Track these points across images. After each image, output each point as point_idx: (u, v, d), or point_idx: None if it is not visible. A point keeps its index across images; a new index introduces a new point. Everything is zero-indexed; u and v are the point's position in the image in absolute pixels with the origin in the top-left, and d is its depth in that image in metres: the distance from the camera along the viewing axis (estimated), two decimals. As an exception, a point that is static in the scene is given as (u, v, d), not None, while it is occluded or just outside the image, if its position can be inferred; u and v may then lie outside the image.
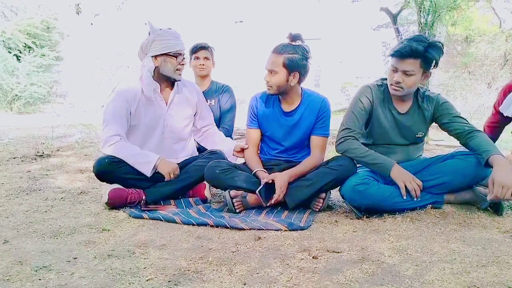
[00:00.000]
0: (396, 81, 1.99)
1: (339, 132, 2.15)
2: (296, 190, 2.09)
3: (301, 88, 2.27)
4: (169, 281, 1.30)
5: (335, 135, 2.21)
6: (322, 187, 2.09)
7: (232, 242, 1.67)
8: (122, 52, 11.15)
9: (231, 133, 3.00)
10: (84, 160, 3.67)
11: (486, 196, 2.02)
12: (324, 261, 1.46)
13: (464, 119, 2.06)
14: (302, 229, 1.83)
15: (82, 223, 1.90)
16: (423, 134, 2.18)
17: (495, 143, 2.15)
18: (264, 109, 2.31)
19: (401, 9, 6.42)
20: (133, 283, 1.29)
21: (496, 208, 1.98)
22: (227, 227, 1.84)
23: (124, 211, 2.10)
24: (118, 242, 1.66)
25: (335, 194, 2.28)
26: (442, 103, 2.09)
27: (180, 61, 2.26)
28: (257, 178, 2.16)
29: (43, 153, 3.87)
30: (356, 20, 10.49)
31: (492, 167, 1.81)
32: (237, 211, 2.10)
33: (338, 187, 2.10)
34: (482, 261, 1.43)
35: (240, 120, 3.45)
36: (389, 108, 2.13)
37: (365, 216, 1.99)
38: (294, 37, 2.16)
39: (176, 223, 1.93)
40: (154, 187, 2.25)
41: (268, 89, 2.21)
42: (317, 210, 2.11)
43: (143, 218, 2.00)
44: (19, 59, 10.87)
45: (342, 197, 2.08)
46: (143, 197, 2.20)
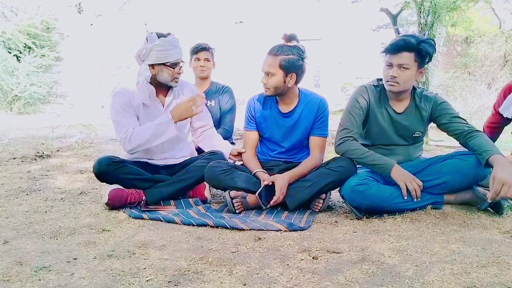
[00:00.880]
0: (392, 76, 1.98)
1: (337, 133, 2.15)
2: (296, 191, 2.09)
3: (298, 88, 2.27)
4: (169, 282, 1.30)
5: (334, 135, 2.21)
6: (322, 188, 2.09)
7: (232, 242, 1.67)
8: (122, 53, 11.15)
9: (231, 134, 3.00)
10: (84, 160, 3.67)
11: (486, 196, 2.03)
12: (324, 262, 1.46)
13: (463, 119, 2.06)
14: (302, 229, 1.83)
15: (82, 224, 1.90)
16: (420, 133, 2.18)
17: (494, 143, 2.16)
18: (262, 111, 2.31)
19: (401, 9, 6.42)
20: (133, 283, 1.29)
21: (496, 208, 1.98)
22: (227, 228, 1.84)
23: (124, 212, 2.10)
24: (118, 243, 1.66)
25: (335, 194, 2.28)
26: (440, 103, 2.09)
27: (178, 70, 2.25)
28: (257, 179, 2.15)
29: (43, 153, 3.87)
30: (356, 20, 10.50)
31: (492, 167, 1.81)
32: (237, 211, 2.10)
33: (338, 187, 2.10)
34: (482, 262, 1.43)
35: (240, 121, 3.45)
36: (385, 107, 2.13)
37: (365, 217, 1.99)
38: (289, 38, 2.15)
39: (176, 223, 1.92)
40: (154, 188, 2.25)
41: (265, 91, 2.20)
42: (317, 210, 2.12)
43: (143, 218, 2.00)
44: (19, 60, 10.87)
45: (342, 197, 2.08)
46: (143, 197, 2.20)
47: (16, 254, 1.51)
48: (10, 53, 10.73)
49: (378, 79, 2.18)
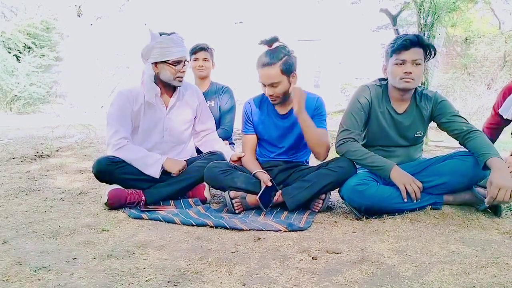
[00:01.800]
0: (407, 72, 1.96)
1: (338, 134, 2.14)
2: (296, 192, 2.09)
3: None
4: (168, 282, 1.30)
5: (334, 136, 2.21)
6: (322, 188, 2.08)
7: (231, 242, 1.67)
8: (122, 53, 11.16)
9: (231, 134, 3.00)
10: (83, 160, 3.67)
11: (485, 197, 2.03)
12: (323, 262, 1.46)
13: (463, 118, 2.06)
14: (301, 229, 1.83)
15: (82, 224, 1.90)
16: (421, 134, 2.18)
17: (493, 144, 2.16)
18: (259, 114, 2.30)
19: (400, 10, 6.42)
20: (132, 283, 1.29)
21: (494, 209, 1.99)
22: (226, 228, 1.84)
23: (123, 212, 2.09)
24: (117, 243, 1.66)
25: (334, 195, 2.28)
26: (440, 102, 2.09)
27: (180, 68, 2.24)
28: (257, 179, 2.16)
29: (43, 153, 3.87)
30: (355, 21, 10.50)
31: (490, 170, 1.81)
32: (237, 211, 2.10)
33: (338, 188, 2.10)
34: (481, 262, 1.43)
35: (239, 121, 3.45)
36: (387, 108, 2.13)
37: (364, 217, 1.99)
38: (271, 41, 2.13)
39: (176, 223, 1.92)
40: (154, 188, 2.25)
41: (273, 101, 2.19)
42: (317, 211, 2.11)
43: (143, 218, 2.00)
44: (19, 60, 10.87)
45: (342, 198, 2.08)
46: (143, 197, 2.19)
47: (16, 254, 1.51)
48: (10, 53, 10.74)
49: (380, 79, 2.18)
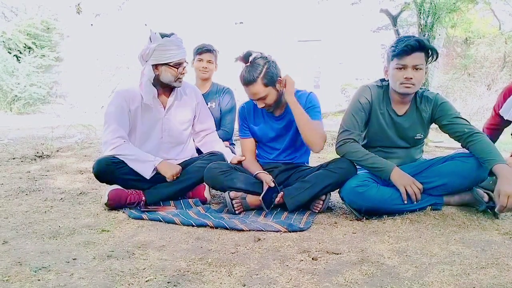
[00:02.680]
0: (408, 77, 1.95)
1: (338, 134, 2.14)
2: (296, 192, 2.09)
3: None
4: (168, 282, 1.30)
5: (335, 136, 2.20)
6: (322, 189, 2.08)
7: (231, 243, 1.67)
8: (122, 53, 11.16)
9: (231, 135, 2.99)
10: (83, 160, 3.67)
11: (484, 198, 2.03)
12: (323, 263, 1.46)
13: (464, 119, 2.04)
14: (301, 230, 1.83)
15: (82, 224, 1.90)
16: (422, 136, 2.17)
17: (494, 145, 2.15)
18: (254, 117, 2.31)
19: (401, 11, 6.43)
20: (132, 284, 1.29)
21: (494, 211, 1.98)
22: (226, 228, 1.84)
23: (123, 212, 2.10)
24: (117, 243, 1.66)
25: (334, 195, 2.28)
26: (441, 104, 2.08)
27: (181, 71, 2.24)
28: (258, 180, 2.15)
29: (43, 153, 3.88)
30: (356, 22, 10.51)
31: (496, 176, 1.80)
32: (237, 212, 2.10)
33: (338, 189, 2.10)
34: (481, 263, 1.43)
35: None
36: (387, 109, 2.12)
37: (364, 218, 1.99)
38: (246, 57, 2.11)
39: (176, 224, 1.92)
40: (154, 188, 2.25)
41: (268, 110, 2.20)
42: (317, 211, 2.11)
43: (143, 219, 2.00)
44: (19, 60, 10.88)
45: (342, 199, 2.08)
46: (143, 198, 2.19)
47: (16, 254, 1.51)
48: (10, 53, 10.75)
49: (381, 80, 2.17)
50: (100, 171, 2.17)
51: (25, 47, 11.06)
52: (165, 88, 2.33)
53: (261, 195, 2.06)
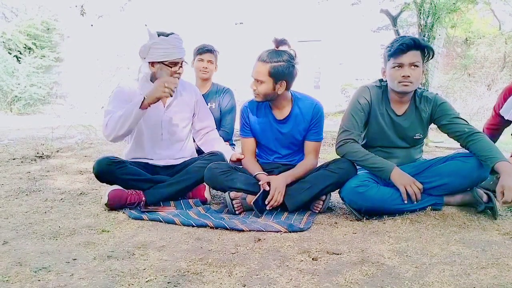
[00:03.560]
0: (405, 75, 1.96)
1: (338, 135, 2.14)
2: (296, 193, 2.09)
3: (290, 92, 2.23)
4: (168, 283, 1.30)
5: (334, 136, 2.20)
6: (322, 190, 2.08)
7: (231, 243, 1.67)
8: (122, 54, 11.16)
9: (231, 136, 2.99)
10: (84, 161, 3.67)
11: (482, 198, 2.03)
12: (323, 263, 1.46)
13: (464, 119, 2.05)
14: (301, 230, 1.83)
15: (82, 224, 1.90)
16: (421, 136, 2.17)
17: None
18: (256, 118, 2.29)
19: (401, 11, 6.43)
20: (132, 284, 1.29)
21: (493, 211, 1.98)
22: (226, 229, 1.84)
23: (123, 212, 2.09)
24: (117, 243, 1.66)
25: (334, 195, 2.28)
26: (440, 104, 2.08)
27: (177, 70, 2.23)
28: (258, 180, 2.15)
29: (43, 154, 3.88)
30: (356, 22, 10.51)
31: (499, 174, 1.81)
32: (237, 212, 2.10)
33: (338, 189, 2.10)
34: (481, 263, 1.43)
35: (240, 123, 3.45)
36: (386, 109, 2.13)
37: (364, 218, 1.99)
38: (279, 43, 2.11)
39: (176, 224, 1.92)
40: (154, 189, 2.25)
41: (255, 97, 2.18)
42: (317, 211, 2.11)
43: (143, 219, 2.00)
44: (19, 60, 10.88)
45: (342, 199, 2.08)
46: (143, 198, 2.19)
47: (16, 254, 1.51)
48: (10, 53, 10.75)
49: (380, 80, 2.17)
50: (101, 171, 2.17)
51: (25, 47, 11.06)
52: None
53: (253, 200, 2.05)
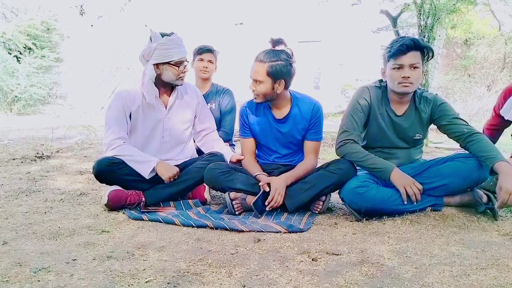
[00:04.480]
0: (405, 77, 1.96)
1: (338, 135, 2.14)
2: (296, 193, 2.09)
3: (289, 92, 2.24)
4: (168, 283, 1.30)
5: (334, 137, 2.21)
6: (322, 190, 2.09)
7: (231, 244, 1.67)
8: (122, 54, 11.16)
9: (231, 136, 2.99)
10: (83, 161, 3.67)
11: (482, 199, 2.03)
12: (323, 264, 1.46)
13: (463, 120, 2.05)
14: (301, 231, 1.83)
15: (82, 225, 1.89)
16: (421, 136, 2.17)
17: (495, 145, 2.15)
18: (255, 118, 2.29)
19: (401, 11, 6.43)
20: (132, 284, 1.29)
21: (493, 212, 1.98)
22: (226, 229, 1.84)
23: (123, 213, 2.09)
24: (117, 244, 1.66)
25: (334, 196, 2.28)
26: (440, 104, 2.08)
27: (182, 69, 2.25)
28: (258, 181, 2.15)
29: (43, 154, 3.88)
30: (356, 22, 10.51)
31: (498, 174, 1.80)
32: (237, 213, 2.10)
33: (338, 190, 2.10)
34: (481, 264, 1.43)
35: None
36: (386, 110, 2.13)
37: (364, 219, 1.99)
38: (275, 42, 2.12)
39: (176, 225, 1.92)
40: (154, 189, 2.25)
41: (255, 98, 2.19)
42: (317, 212, 2.11)
43: (143, 219, 2.00)
44: (19, 61, 10.88)
45: (342, 200, 2.08)
46: (143, 198, 2.19)
47: (15, 255, 1.51)
48: (10, 54, 10.75)
49: (380, 80, 2.17)
50: (100, 171, 2.17)
51: (25, 47, 11.06)
52: (166, 88, 2.34)
53: (253, 200, 2.05)
